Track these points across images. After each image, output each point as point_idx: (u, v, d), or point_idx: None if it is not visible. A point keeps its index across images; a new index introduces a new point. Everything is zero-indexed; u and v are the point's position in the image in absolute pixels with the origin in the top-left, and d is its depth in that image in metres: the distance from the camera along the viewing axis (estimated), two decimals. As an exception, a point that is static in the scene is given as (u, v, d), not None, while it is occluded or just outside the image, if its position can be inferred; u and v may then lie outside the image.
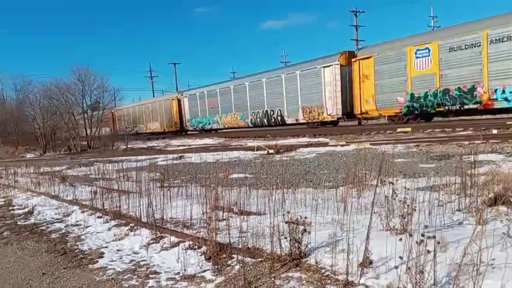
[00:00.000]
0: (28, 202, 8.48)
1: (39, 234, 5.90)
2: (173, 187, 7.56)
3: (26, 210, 7.82)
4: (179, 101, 37.44)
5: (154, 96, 59.20)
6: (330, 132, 20.32)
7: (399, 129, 16.94)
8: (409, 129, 16.66)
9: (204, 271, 3.71)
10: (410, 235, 2.77)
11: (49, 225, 6.36)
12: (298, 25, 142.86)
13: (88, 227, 5.93)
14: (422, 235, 2.64)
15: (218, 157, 13.57)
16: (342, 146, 13.75)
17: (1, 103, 47.34)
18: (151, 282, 3.63)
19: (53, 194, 8.75)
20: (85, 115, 32.62)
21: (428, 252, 2.57)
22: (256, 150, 14.77)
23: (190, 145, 23.73)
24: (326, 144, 15.04)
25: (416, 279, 2.58)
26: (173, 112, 37.99)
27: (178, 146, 24.04)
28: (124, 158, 16.49)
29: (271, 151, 13.72)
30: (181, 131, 37.60)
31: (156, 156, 16.88)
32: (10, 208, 8.21)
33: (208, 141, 25.57)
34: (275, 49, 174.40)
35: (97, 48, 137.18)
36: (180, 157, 15.19)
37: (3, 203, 8.87)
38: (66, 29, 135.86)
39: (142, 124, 43.45)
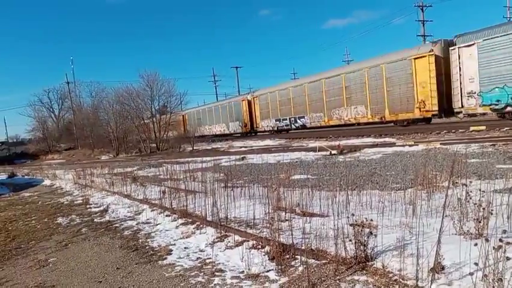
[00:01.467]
0: (103, 201, 9.09)
1: (113, 231, 6.30)
2: (237, 187, 7.70)
3: (101, 208, 8.40)
4: (418, 61, 18.84)
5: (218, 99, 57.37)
6: (397, 131, 19.50)
7: (472, 128, 15.91)
8: (483, 127, 15.60)
9: (268, 271, 3.74)
10: (487, 240, 2.59)
11: (122, 223, 6.77)
12: (362, 23, 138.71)
13: (157, 224, 6.23)
14: (500, 240, 2.46)
15: (279, 158, 13.60)
16: (410, 146, 13.18)
17: (79, 109, 51.26)
18: (216, 280, 3.72)
19: (125, 193, 9.29)
20: (154, 119, 34.18)
21: (508, 259, 2.39)
22: (318, 151, 14.60)
23: (251, 146, 24.04)
24: (392, 145, 14.50)
25: (493, 287, 2.40)
26: (403, 85, 19.98)
27: (240, 147, 24.44)
28: (190, 159, 17.06)
29: (333, 152, 13.50)
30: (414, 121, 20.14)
31: (220, 157, 17.29)
32: (87, 206, 8.84)
33: (269, 142, 25.72)
34: (337, 48, 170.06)
35: (163, 55, 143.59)
36: (242, 158, 15.42)
37: (82, 201, 9.56)
38: (135, 35, 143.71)
39: (306, 115, 27.53)
